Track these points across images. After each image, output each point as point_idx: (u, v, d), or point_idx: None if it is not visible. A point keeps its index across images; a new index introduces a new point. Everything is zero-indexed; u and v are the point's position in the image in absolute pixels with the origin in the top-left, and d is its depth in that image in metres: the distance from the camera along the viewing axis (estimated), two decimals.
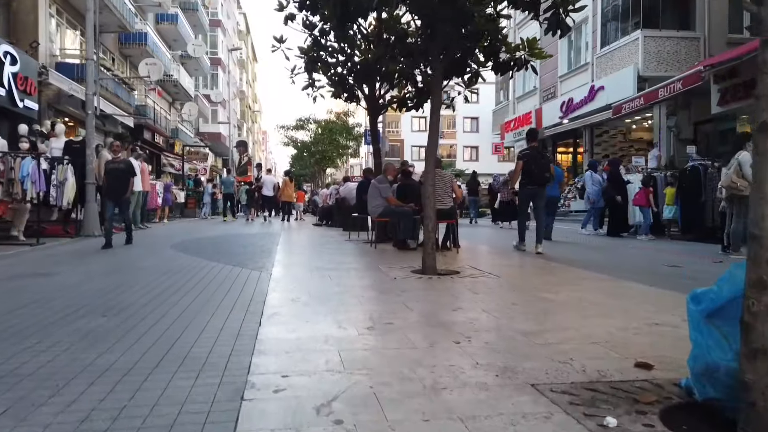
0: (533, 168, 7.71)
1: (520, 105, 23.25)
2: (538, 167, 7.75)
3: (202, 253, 7.51)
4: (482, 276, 5.33)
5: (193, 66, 33.56)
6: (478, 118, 57.30)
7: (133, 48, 22.07)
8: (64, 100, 15.50)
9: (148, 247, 8.29)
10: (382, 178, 8.34)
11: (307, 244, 9.42)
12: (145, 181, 13.50)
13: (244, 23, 57.69)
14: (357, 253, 7.56)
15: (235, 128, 47.97)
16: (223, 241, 9.85)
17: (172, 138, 27.42)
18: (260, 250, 7.86)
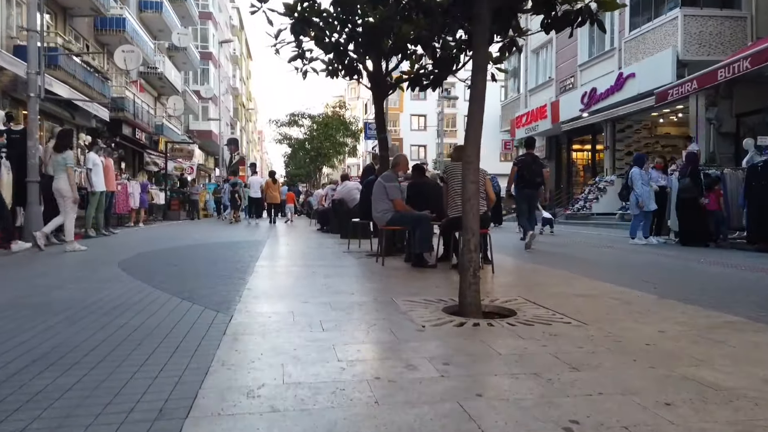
0: (525, 173, 8.69)
1: (533, 98, 21.44)
2: (530, 173, 8.68)
3: (153, 273, 5.63)
4: (555, 320, 3.47)
5: (181, 59, 31.65)
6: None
7: (111, 35, 20.17)
8: (22, 87, 13.57)
9: (88, 263, 6.41)
10: (390, 175, 6.48)
11: (296, 258, 7.54)
12: (110, 179, 11.60)
13: (237, 18, 55.78)
14: (360, 274, 5.69)
15: (227, 126, 46.07)
16: (192, 253, 7.96)
17: (156, 134, 25.50)
18: (233, 269, 5.99)
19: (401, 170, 6.54)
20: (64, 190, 7.89)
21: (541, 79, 21.01)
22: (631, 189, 9.42)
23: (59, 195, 7.94)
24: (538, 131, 20.00)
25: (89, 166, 10.74)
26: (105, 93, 18.27)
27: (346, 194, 10.98)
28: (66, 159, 7.95)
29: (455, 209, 5.66)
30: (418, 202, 6.54)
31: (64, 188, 7.89)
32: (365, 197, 8.51)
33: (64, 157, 7.96)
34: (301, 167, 40.62)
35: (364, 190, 8.76)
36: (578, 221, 16.71)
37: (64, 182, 7.88)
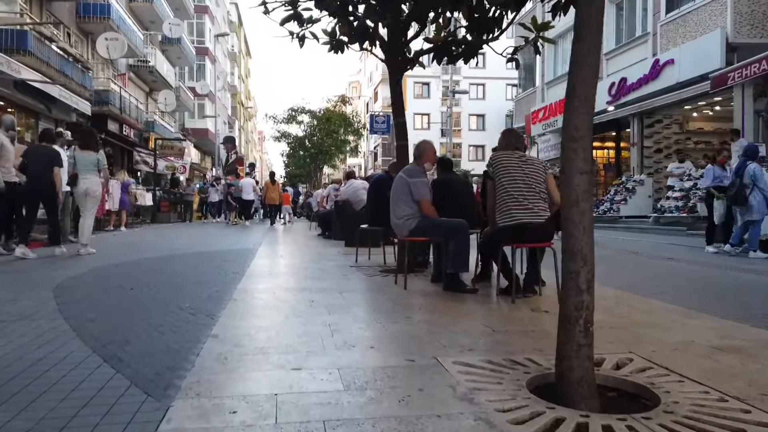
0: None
1: (552, 91, 19.89)
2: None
3: (93, 303, 4.10)
4: (737, 418, 1.93)
5: (175, 54, 30.17)
6: (484, 115, 54.22)
7: (95, 23, 18.66)
8: None
9: (17, 283, 4.86)
10: (414, 169, 4.92)
11: (291, 276, 5.98)
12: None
13: (236, 14, 54.25)
14: (377, 306, 4.13)
15: (225, 124, 44.55)
16: (162, 267, 6.40)
17: (147, 131, 23.96)
18: (205, 295, 4.44)
19: (428, 161, 4.98)
20: (96, 190, 7.63)
21: (561, 70, 19.46)
22: (752, 189, 7.65)
23: (85, 195, 7.56)
24: (557, 127, 18.46)
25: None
26: (86, 84, 16.73)
27: (352, 194, 9.43)
28: (101, 158, 7.72)
29: (508, 216, 4.12)
30: (443, 205, 4.97)
31: (96, 189, 7.62)
32: (374, 198, 6.97)
33: (99, 156, 7.71)
34: (300, 167, 39.07)
35: (371, 192, 7.21)
36: (605, 225, 15.15)
37: (96, 183, 7.60)
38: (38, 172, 7.28)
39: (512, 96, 53.75)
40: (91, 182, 7.58)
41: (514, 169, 4.20)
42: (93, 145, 7.82)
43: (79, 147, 7.87)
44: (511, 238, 4.19)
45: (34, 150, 7.71)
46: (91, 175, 7.59)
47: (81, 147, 7.83)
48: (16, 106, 14.63)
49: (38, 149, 7.67)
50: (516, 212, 4.09)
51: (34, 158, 7.42)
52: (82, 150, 7.71)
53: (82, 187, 7.56)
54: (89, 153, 7.66)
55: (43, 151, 7.56)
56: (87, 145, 7.76)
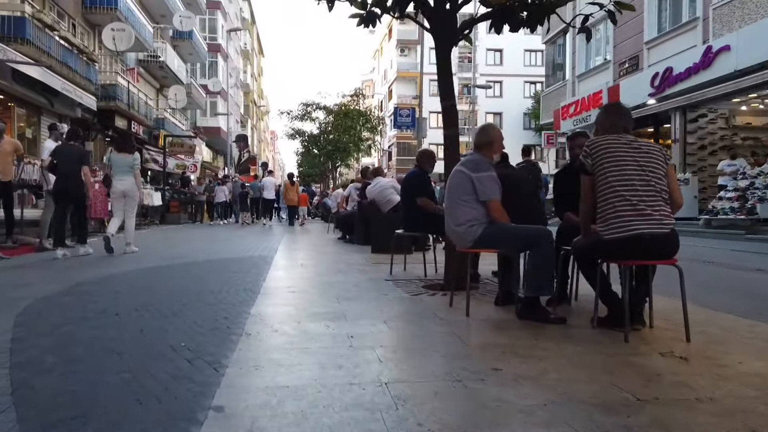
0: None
1: (584, 84, 18.67)
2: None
3: (60, 341, 3.08)
4: None
5: (186, 50, 29.35)
6: (501, 113, 52.76)
7: (101, 13, 17.77)
8: None
9: None
10: (479, 160, 3.79)
11: (316, 296, 4.88)
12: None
13: (248, 11, 53.48)
14: (439, 346, 3.03)
15: (237, 123, 43.71)
16: (160, 283, 5.37)
17: (156, 129, 23.07)
18: (207, 329, 3.38)
19: (498, 152, 3.88)
20: (133, 191, 7.79)
21: (594, 61, 18.25)
22: None
23: (123, 196, 7.75)
24: (590, 122, 17.26)
25: (45, 156, 8.23)
26: (91, 77, 15.82)
27: (379, 194, 8.35)
28: (136, 160, 7.93)
29: (619, 224, 3.01)
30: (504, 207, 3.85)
31: (133, 189, 7.79)
32: (410, 196, 5.88)
33: (134, 158, 7.92)
34: (314, 166, 38.03)
35: (407, 186, 6.12)
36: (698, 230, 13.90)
37: (133, 184, 7.79)
38: (68, 171, 7.30)
39: (531, 93, 52.52)
40: (129, 184, 7.75)
41: (625, 160, 3.09)
42: (129, 148, 8.01)
43: (116, 149, 7.98)
44: (619, 254, 3.08)
45: (63, 149, 7.59)
46: (127, 177, 7.75)
47: (118, 149, 7.96)
48: (16, 100, 13.75)
49: (67, 148, 7.60)
50: (631, 219, 2.99)
51: (64, 157, 7.38)
52: (119, 152, 7.85)
53: (119, 189, 7.72)
54: (126, 155, 7.81)
55: (72, 149, 7.55)
56: (123, 148, 7.92)
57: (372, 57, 66.12)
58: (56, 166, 7.37)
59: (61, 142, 7.95)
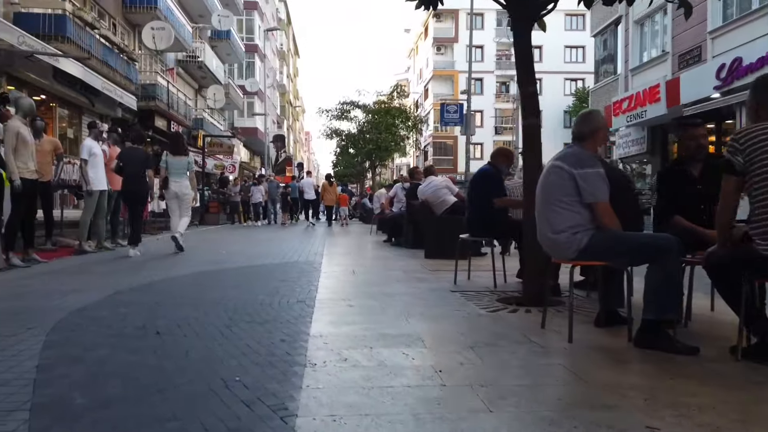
0: None
1: (638, 78, 17.64)
2: None
3: (85, 383, 2.59)
4: None
5: (224, 50, 29.31)
6: (541, 111, 51.12)
7: (142, 13, 17.67)
8: (20, 62, 10.99)
9: (11, 316, 3.42)
10: (583, 155, 3.11)
11: (379, 311, 4.30)
12: (116, 175, 8.76)
13: (284, 12, 53.58)
14: (553, 390, 2.43)
15: (274, 123, 43.73)
16: (202, 294, 4.89)
17: (195, 129, 22.99)
18: (264, 355, 2.86)
19: (602, 144, 3.24)
20: (187, 193, 8.01)
21: (650, 54, 17.22)
22: None
23: (176, 197, 7.97)
24: (647, 118, 16.25)
25: (84, 156, 7.92)
26: (131, 77, 15.70)
27: (432, 195, 7.76)
28: (190, 163, 8.22)
29: None
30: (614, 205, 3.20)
31: (187, 191, 8.01)
32: (476, 199, 5.27)
33: (189, 161, 8.19)
34: (350, 166, 37.61)
35: (472, 191, 5.50)
36: None
37: (187, 186, 8.01)
38: (134, 174, 7.64)
39: (572, 91, 51.10)
40: (183, 185, 7.95)
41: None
42: (183, 151, 8.31)
43: (171, 152, 8.14)
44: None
45: (128, 152, 7.94)
46: (182, 179, 7.95)
47: (173, 152, 8.14)
48: (58, 100, 13.68)
49: (132, 152, 7.95)
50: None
51: (130, 160, 7.71)
52: (174, 155, 8.05)
53: (174, 190, 7.91)
54: (181, 158, 8.05)
55: (137, 153, 7.93)
56: (178, 151, 8.16)
57: (407, 56, 65.52)
58: (123, 168, 7.69)
59: (129, 147, 8.27)
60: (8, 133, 6.05)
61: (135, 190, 7.75)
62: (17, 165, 6.09)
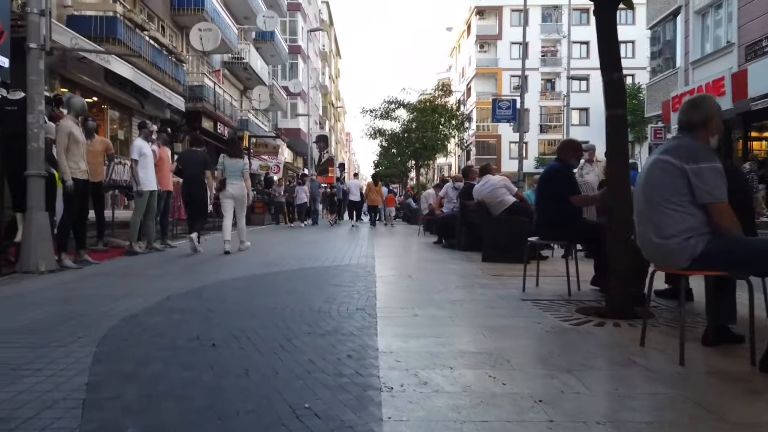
0: None
1: (700, 71, 16.68)
2: None
3: (138, 412, 2.33)
4: None
5: (269, 51, 29.48)
6: (588, 109, 50.00)
7: (189, 15, 17.83)
8: (72, 64, 11.13)
9: (61, 319, 3.24)
10: (694, 145, 2.68)
11: (448, 321, 3.94)
12: (166, 175, 8.70)
13: (327, 13, 53.78)
14: (683, 425, 2.02)
15: (316, 124, 43.90)
16: (254, 300, 4.63)
17: (240, 130, 23.14)
18: (331, 375, 2.56)
19: (718, 133, 2.80)
20: (243, 195, 8.19)
21: (713, 45, 16.24)
22: None
23: (232, 198, 8.13)
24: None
25: (134, 156, 7.86)
26: (179, 78, 15.82)
27: (489, 195, 7.34)
28: (245, 165, 8.44)
29: None
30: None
31: (243, 193, 8.18)
32: (552, 197, 4.84)
33: (244, 163, 8.41)
34: (391, 166, 37.24)
35: (543, 191, 5.07)
36: None
37: (242, 188, 8.17)
38: (193, 176, 8.03)
39: None
40: (239, 187, 8.13)
41: None
42: (240, 154, 8.56)
43: (228, 155, 8.29)
44: None
45: (187, 155, 8.38)
46: (238, 181, 8.11)
47: (230, 155, 8.28)
48: (109, 101, 13.87)
49: (191, 154, 8.39)
50: None
51: (189, 162, 8.12)
52: (231, 158, 8.19)
53: (230, 191, 8.09)
54: (237, 161, 8.24)
55: (196, 155, 8.32)
56: (235, 154, 8.34)
57: (449, 55, 64.78)
58: (182, 170, 8.06)
59: (188, 149, 8.63)
60: (60, 133, 5.98)
61: (194, 192, 8.10)
62: (69, 165, 6.02)
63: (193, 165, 8.12)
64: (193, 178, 8.06)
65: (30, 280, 5.28)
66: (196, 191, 8.14)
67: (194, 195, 8.17)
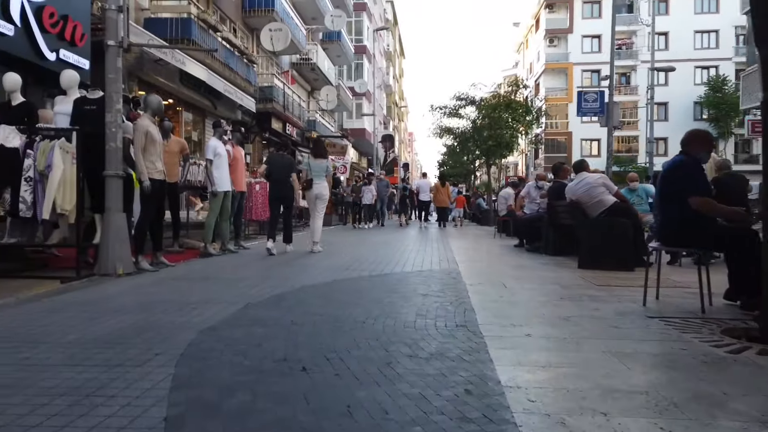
0: None
1: None
2: None
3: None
4: None
5: (335, 51, 29.52)
6: (667, 103, 47.14)
7: (260, 16, 17.93)
8: (149, 66, 11.25)
9: (132, 338, 2.95)
10: None
11: (568, 346, 3.38)
12: (239, 175, 8.55)
13: (391, 12, 53.58)
14: None
15: (381, 124, 43.76)
16: (340, 313, 4.21)
17: (309, 130, 23.17)
18: (452, 404, 2.10)
19: None
20: (325, 194, 8.39)
21: None
22: None
23: (316, 198, 8.31)
24: None
25: (209, 156, 7.72)
26: (251, 79, 15.88)
27: (586, 194, 6.65)
28: (329, 166, 8.69)
29: None
30: None
31: (326, 193, 8.40)
32: (675, 196, 4.16)
33: (328, 164, 8.66)
34: (459, 166, 36.45)
35: (666, 189, 4.36)
36: None
37: (326, 188, 8.38)
38: (281, 178, 8.12)
39: (703, 80, 46.29)
40: (323, 187, 8.31)
41: None
42: (324, 154, 8.74)
43: (313, 156, 8.61)
44: None
45: (275, 158, 8.61)
46: (322, 181, 8.29)
47: (314, 156, 8.59)
48: (183, 103, 14.06)
49: (279, 158, 8.59)
50: None
51: (277, 166, 8.27)
52: (316, 158, 8.48)
53: (315, 191, 8.27)
54: (321, 161, 8.46)
55: (284, 159, 8.54)
56: (319, 154, 8.57)
57: (515, 51, 63.09)
58: (270, 174, 8.29)
59: (276, 153, 9.16)
60: (137, 133, 5.85)
61: (282, 195, 8.18)
62: (146, 165, 5.88)
63: (281, 168, 8.21)
64: (281, 181, 8.13)
65: (107, 283, 5.13)
66: (285, 194, 8.17)
67: (283, 198, 8.20)
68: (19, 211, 4.92)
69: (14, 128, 5.14)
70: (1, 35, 7.02)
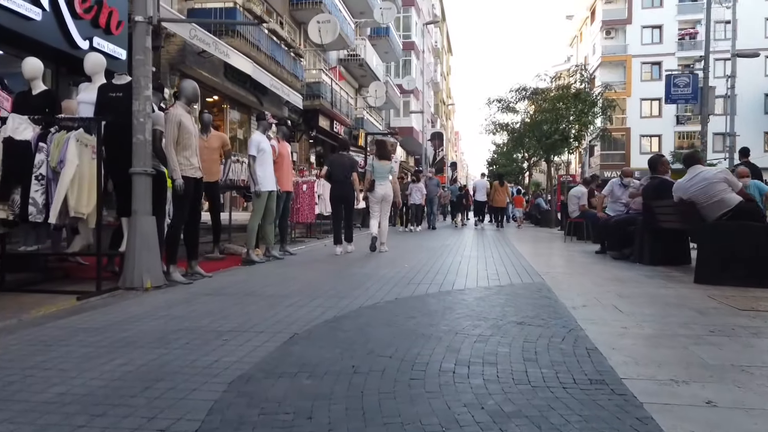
0: None
1: None
2: None
3: None
4: None
5: (383, 48, 28.67)
6: (736, 95, 43.87)
7: (307, 9, 17.19)
8: (192, 59, 10.59)
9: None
10: None
11: (747, 415, 2.28)
12: (286, 174, 7.71)
13: (439, 7, 52.36)
14: None
15: (428, 123, 42.63)
16: (407, 341, 3.19)
17: (356, 128, 22.35)
18: None
19: None
20: (390, 195, 8.35)
21: None
22: None
23: (381, 200, 8.27)
24: None
25: (252, 152, 6.91)
26: (297, 74, 15.13)
27: (702, 192, 5.43)
28: (393, 167, 8.67)
29: None
30: None
31: (391, 194, 8.35)
32: None
33: (392, 165, 8.60)
34: (510, 164, 34.96)
35: None
36: None
37: (390, 188, 8.34)
38: (342, 179, 7.98)
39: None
40: (388, 188, 8.30)
41: None
42: (388, 156, 8.70)
43: (377, 157, 8.54)
44: None
45: (336, 159, 8.34)
46: (386, 182, 8.29)
47: (379, 157, 8.52)
48: (229, 100, 13.43)
49: (339, 158, 8.30)
50: None
51: (337, 166, 8.09)
52: (380, 160, 8.44)
53: (380, 192, 8.24)
54: (385, 162, 8.42)
55: (344, 159, 8.29)
56: (383, 156, 8.53)
57: (569, 44, 60.61)
58: (331, 174, 8.07)
59: (337, 153, 8.59)
60: (169, 124, 5.05)
61: (342, 195, 8.03)
62: (178, 161, 5.08)
63: (342, 169, 8.05)
64: (342, 181, 8.00)
65: (130, 300, 4.33)
66: (345, 195, 8.00)
67: (344, 199, 8.04)
68: (29, 215, 4.16)
69: (26, 118, 4.40)
70: (28, 20, 6.38)
